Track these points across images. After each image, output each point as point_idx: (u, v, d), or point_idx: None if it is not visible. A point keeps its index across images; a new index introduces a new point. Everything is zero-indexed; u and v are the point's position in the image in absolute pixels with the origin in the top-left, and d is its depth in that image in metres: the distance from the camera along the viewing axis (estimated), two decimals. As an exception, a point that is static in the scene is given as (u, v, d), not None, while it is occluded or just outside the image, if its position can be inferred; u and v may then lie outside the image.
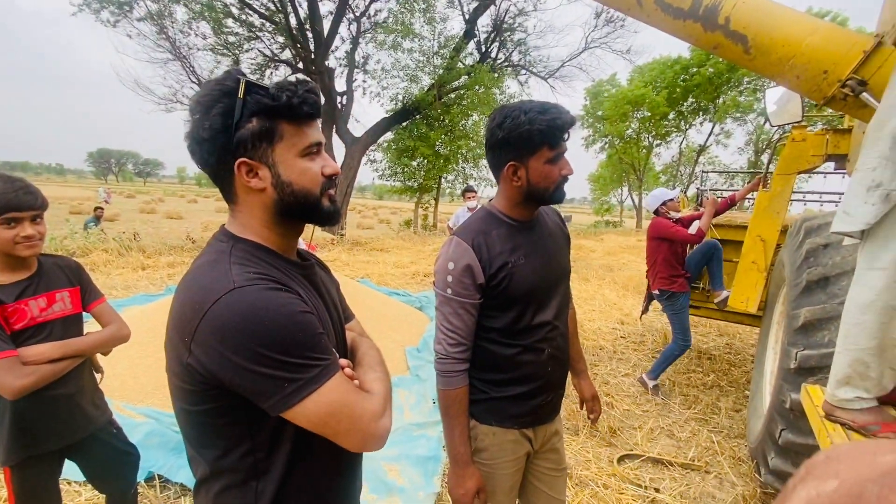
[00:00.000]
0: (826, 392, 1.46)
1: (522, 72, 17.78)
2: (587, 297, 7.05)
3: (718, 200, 3.81)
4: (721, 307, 4.04)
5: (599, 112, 27.28)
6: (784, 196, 3.10)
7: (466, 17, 15.72)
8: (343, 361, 0.80)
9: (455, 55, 15.13)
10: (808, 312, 2.10)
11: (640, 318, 5.30)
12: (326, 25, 13.85)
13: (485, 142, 1.25)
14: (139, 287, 6.29)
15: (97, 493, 2.07)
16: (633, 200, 32.98)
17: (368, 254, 10.38)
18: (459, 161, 17.03)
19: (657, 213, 3.86)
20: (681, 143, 28.88)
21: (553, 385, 1.34)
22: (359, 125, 21.81)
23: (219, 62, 13.46)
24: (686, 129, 27.33)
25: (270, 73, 14.46)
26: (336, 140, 15.07)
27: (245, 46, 13.81)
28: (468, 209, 5.60)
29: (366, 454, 1.01)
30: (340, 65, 15.58)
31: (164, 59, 12.89)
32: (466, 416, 1.25)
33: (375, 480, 2.39)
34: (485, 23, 16.60)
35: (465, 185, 7.27)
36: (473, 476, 1.23)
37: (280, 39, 13.93)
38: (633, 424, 3.25)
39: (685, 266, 3.83)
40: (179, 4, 12.26)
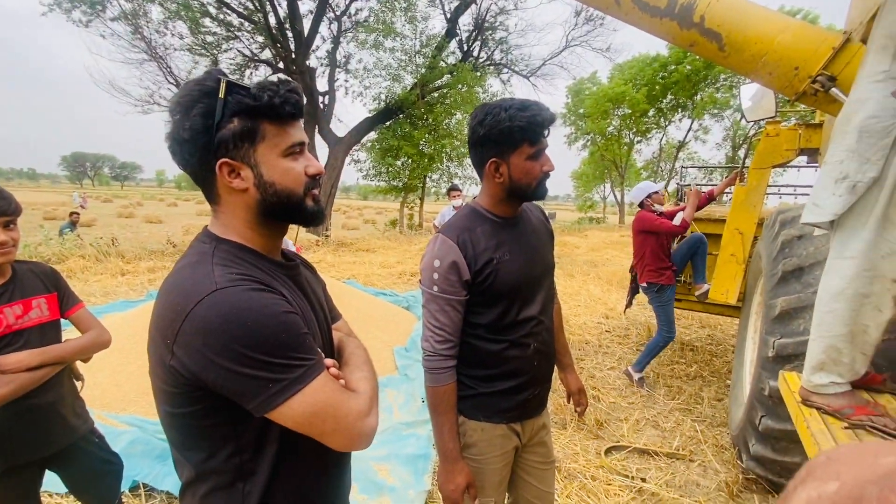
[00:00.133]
0: (802, 378, 1.51)
1: (504, 70, 17.89)
2: (572, 293, 7.13)
3: (702, 192, 3.88)
4: (702, 300, 4.13)
5: (581, 110, 27.55)
6: (760, 190, 3.18)
7: (448, 16, 15.74)
8: (328, 361, 0.80)
9: (437, 54, 15.13)
10: (784, 302, 2.17)
11: (625, 313, 5.39)
12: (306, 25, 13.72)
13: (467, 139, 1.27)
14: (119, 293, 6.15)
15: (80, 505, 2.03)
16: (616, 197, 33.42)
17: (354, 254, 10.32)
18: (444, 160, 17.03)
19: (642, 206, 3.91)
20: (661, 140, 29.41)
21: (540, 379, 1.36)
22: (342, 125, 21.64)
23: (197, 62, 13.23)
24: (665, 126, 27.81)
25: (250, 74, 14.26)
26: (319, 140, 14.94)
27: (224, 46, 13.60)
28: (453, 208, 5.62)
29: (355, 454, 1.01)
30: (322, 64, 15.47)
31: (140, 60, 12.63)
32: (455, 413, 1.26)
33: (365, 481, 2.38)
34: (466, 22, 16.67)
35: (450, 184, 7.26)
36: (463, 471, 1.24)
37: (259, 39, 13.75)
38: (620, 416, 3.31)
39: (671, 259, 3.90)
40: (154, 4, 12.01)
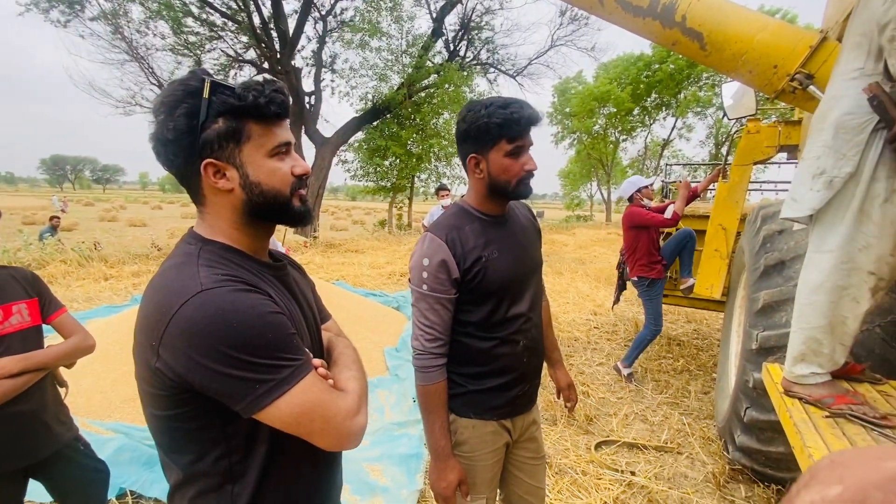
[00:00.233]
0: (784, 369, 1.55)
1: (491, 70, 17.94)
2: (561, 290, 7.18)
3: (691, 184, 3.91)
4: (686, 294, 4.20)
5: (567, 109, 27.76)
6: (742, 186, 3.24)
7: (434, 16, 15.72)
8: (317, 361, 0.80)
9: (424, 54, 15.11)
10: (767, 295, 2.22)
11: (613, 309, 5.45)
12: (291, 24, 13.59)
13: (455, 136, 1.28)
14: (102, 298, 6.04)
15: (65, 514, 1.98)
16: (602, 195, 33.76)
17: (343, 255, 10.27)
18: (432, 160, 17.03)
19: (631, 200, 3.95)
20: (646, 138, 29.76)
21: (529, 375, 1.37)
22: (328, 125, 21.50)
23: (180, 63, 13.03)
24: (650, 124, 28.15)
25: (235, 74, 14.08)
26: (305, 141, 14.83)
27: (207, 46, 13.42)
28: (442, 207, 5.62)
29: (346, 456, 1.01)
30: (307, 64, 15.35)
31: (121, 61, 12.38)
32: (446, 410, 1.27)
33: (358, 482, 2.38)
34: (452, 21, 16.67)
35: (439, 184, 7.27)
36: (455, 469, 1.24)
37: (244, 39, 13.59)
38: (609, 411, 3.35)
39: (661, 253, 3.95)
40: (135, 3, 11.79)
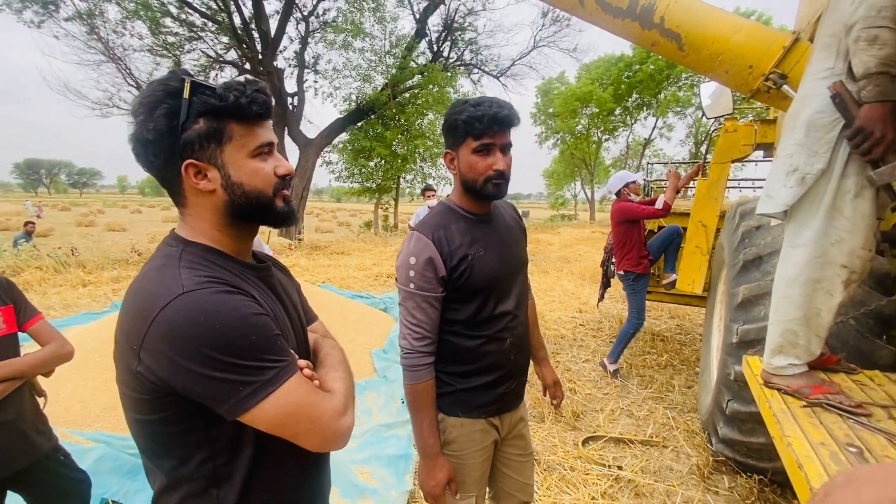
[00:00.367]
0: (763, 361, 1.59)
1: (475, 70, 17.98)
2: (547, 289, 7.24)
3: (680, 175, 3.93)
4: (669, 289, 4.28)
5: (550, 109, 28.03)
6: (721, 183, 3.32)
7: (417, 17, 15.69)
8: (302, 362, 0.79)
9: (407, 54, 15.08)
10: (746, 290, 2.27)
11: (598, 306, 5.52)
12: (273, 25, 13.43)
13: None
14: (80, 305, 5.88)
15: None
16: (586, 194, 34.15)
17: (329, 258, 10.18)
18: (417, 160, 17.00)
19: (618, 196, 3.99)
20: (628, 138, 30.26)
21: (516, 373, 1.38)
22: (312, 126, 21.28)
23: (158, 64, 12.75)
24: (632, 124, 28.64)
25: (216, 75, 13.86)
26: (289, 143, 14.67)
27: (186, 47, 13.16)
28: (428, 208, 5.62)
29: (334, 459, 1.01)
30: (290, 65, 15.18)
31: (97, 62, 12.07)
32: (434, 409, 1.27)
33: (346, 484, 2.36)
34: (435, 22, 16.66)
35: (425, 185, 7.27)
36: (443, 467, 1.25)
37: (224, 40, 13.37)
38: (596, 407, 3.39)
39: (647, 249, 4.01)
40: (111, 3, 11.52)
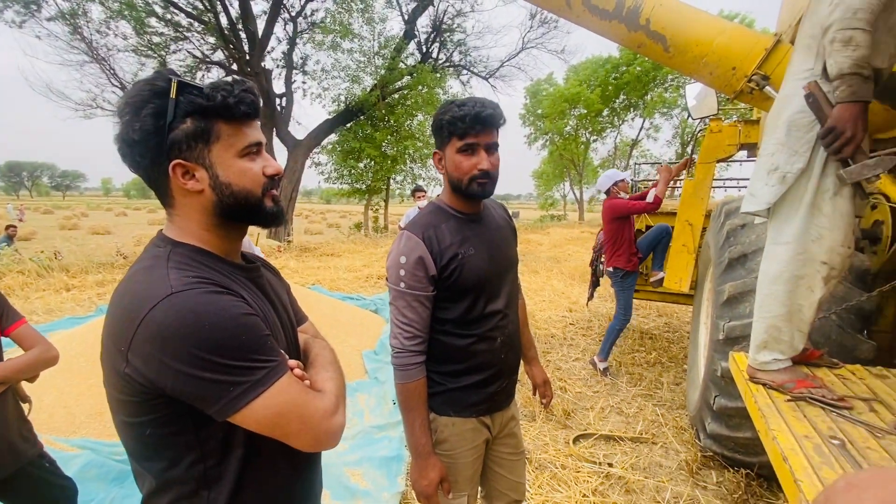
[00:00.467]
0: (749, 357, 1.62)
1: (464, 72, 18.02)
2: (537, 289, 7.28)
3: (672, 168, 3.98)
4: (656, 286, 4.34)
5: (539, 110, 28.19)
6: (706, 183, 3.38)
7: (405, 18, 15.69)
8: (293, 362, 0.79)
9: (396, 55, 15.06)
10: (731, 287, 2.31)
11: (587, 305, 5.57)
12: (260, 25, 13.32)
13: None
14: (64, 310, 5.76)
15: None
16: (575, 194, 34.40)
17: (319, 259, 10.11)
18: (407, 161, 16.99)
19: (608, 194, 4.04)
20: (615, 138, 30.55)
21: (507, 371, 1.39)
22: (300, 127, 21.14)
23: (143, 64, 12.57)
24: (619, 125, 28.90)
25: (202, 76, 13.70)
26: (277, 144, 14.55)
27: (172, 47, 13.00)
28: (418, 209, 5.62)
29: (326, 461, 1.00)
30: (278, 66, 15.06)
31: (80, 62, 11.85)
32: (426, 408, 1.27)
33: (338, 487, 2.35)
34: (424, 23, 16.68)
35: (415, 186, 7.27)
36: (436, 467, 1.25)
37: (211, 40, 13.23)
38: (586, 405, 3.42)
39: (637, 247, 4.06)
40: (95, 3, 11.32)
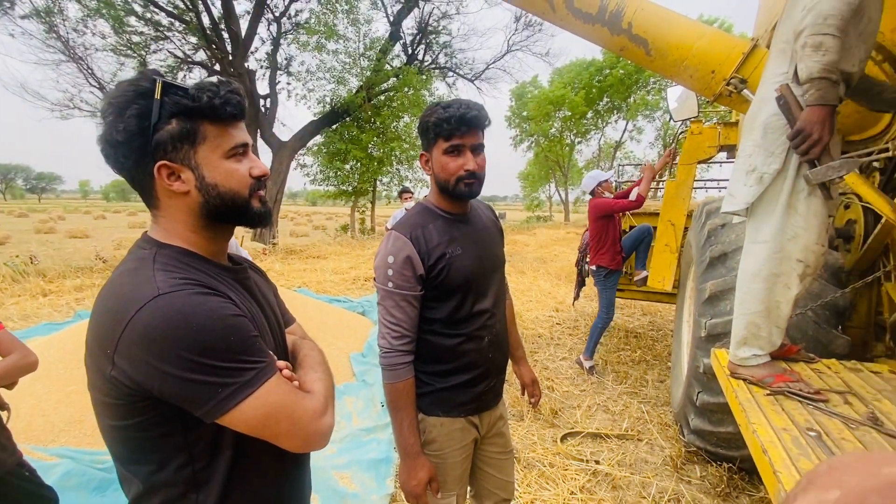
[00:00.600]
0: (729, 354, 1.66)
1: (450, 74, 18.08)
2: (524, 289, 7.33)
3: (655, 166, 4.03)
4: (640, 285, 4.42)
5: (525, 112, 28.43)
6: (688, 184, 3.45)
7: (391, 20, 15.68)
8: (281, 363, 0.79)
9: (382, 57, 15.03)
10: (713, 285, 2.36)
11: (573, 305, 5.63)
12: (244, 26, 13.16)
13: None
14: (41, 315, 5.61)
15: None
16: (561, 196, 34.76)
17: (304, 262, 10.02)
18: (393, 163, 16.96)
19: (593, 194, 4.10)
20: (599, 140, 31.02)
21: (495, 371, 1.40)
22: (285, 129, 20.94)
23: (122, 64, 12.32)
24: (603, 127, 29.35)
25: (184, 76, 13.47)
26: (262, 145, 14.38)
27: (153, 47, 12.75)
28: (405, 210, 5.62)
29: (314, 465, 1.00)
30: (262, 67, 14.89)
31: (56, 61, 11.56)
32: (414, 408, 1.28)
33: (327, 490, 2.33)
34: (410, 25, 16.69)
35: (402, 187, 7.26)
36: (424, 466, 1.25)
37: (192, 40, 13.02)
38: (573, 404, 3.45)
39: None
40: (71, 1, 11.07)
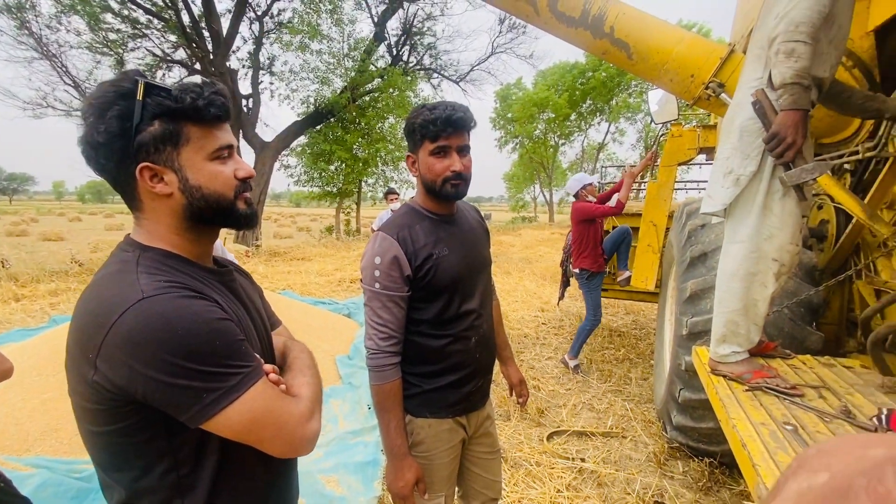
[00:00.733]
0: (710, 351, 1.71)
1: (435, 75, 18.09)
2: (510, 289, 7.38)
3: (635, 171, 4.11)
4: (623, 285, 4.49)
5: (509, 114, 28.61)
6: (669, 185, 3.53)
7: (375, 20, 15.63)
8: (268, 367, 0.79)
9: (366, 57, 14.96)
10: (693, 284, 2.42)
11: (558, 305, 5.69)
12: (225, 24, 12.96)
13: None
14: (14, 321, 5.42)
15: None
16: (545, 197, 35.08)
17: (289, 264, 9.90)
18: (379, 164, 16.89)
19: (577, 197, 4.15)
20: (583, 142, 31.44)
21: (482, 371, 1.41)
22: (268, 129, 20.65)
23: (98, 62, 12.01)
24: (586, 129, 29.75)
25: (163, 75, 13.19)
26: (244, 146, 14.17)
27: (130, 45, 12.45)
28: (391, 211, 5.60)
29: (301, 469, 0.99)
30: (244, 66, 14.66)
31: (29, 58, 11.21)
32: (401, 409, 1.28)
33: (314, 494, 2.31)
34: (394, 26, 16.66)
35: (387, 188, 7.24)
36: (412, 467, 1.25)
37: (172, 38, 12.76)
38: (559, 403, 3.49)
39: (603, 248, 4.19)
40: (44, -5, 10.76)
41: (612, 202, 3.90)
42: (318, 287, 7.45)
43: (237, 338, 0.72)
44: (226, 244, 9.62)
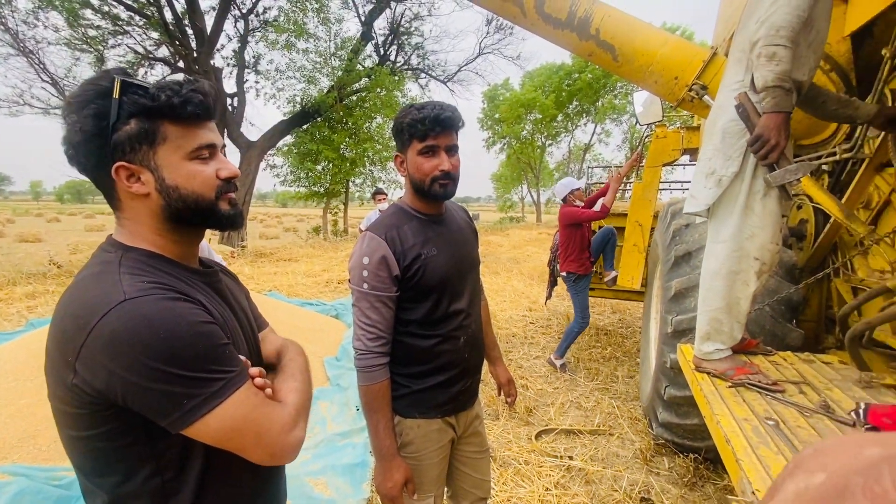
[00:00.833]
0: (694, 348, 1.73)
1: (422, 75, 18.09)
2: (498, 289, 7.41)
3: (620, 175, 4.17)
4: (610, 285, 4.55)
5: (497, 115, 28.73)
6: (654, 186, 3.58)
7: (362, 20, 15.56)
8: (255, 370, 0.77)
9: (353, 57, 14.88)
10: (678, 283, 2.45)
11: (546, 304, 5.73)
12: (209, 22, 12.77)
13: None
14: (-12, 325, 5.28)
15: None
16: (533, 197, 35.32)
17: (275, 265, 9.79)
18: (366, 164, 16.81)
19: (564, 201, 4.19)
20: (569, 143, 31.75)
21: (470, 370, 1.41)
22: (254, 129, 20.40)
23: (78, 59, 11.74)
24: (573, 130, 30.05)
25: (145, 73, 12.95)
26: (230, 145, 13.97)
27: (111, 41, 12.19)
28: (379, 211, 5.58)
29: (288, 472, 0.99)
30: (228, 64, 14.48)
31: (4, 55, 10.93)
32: (390, 410, 1.27)
33: (302, 497, 2.29)
34: (382, 26, 16.61)
35: (375, 188, 7.21)
36: (400, 468, 1.25)
37: (154, 35, 12.53)
38: (547, 401, 3.51)
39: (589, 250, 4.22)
40: (20, -10, 10.48)
41: (598, 207, 3.95)
42: (306, 288, 7.39)
43: (221, 342, 0.70)
44: (211, 244, 9.48)
